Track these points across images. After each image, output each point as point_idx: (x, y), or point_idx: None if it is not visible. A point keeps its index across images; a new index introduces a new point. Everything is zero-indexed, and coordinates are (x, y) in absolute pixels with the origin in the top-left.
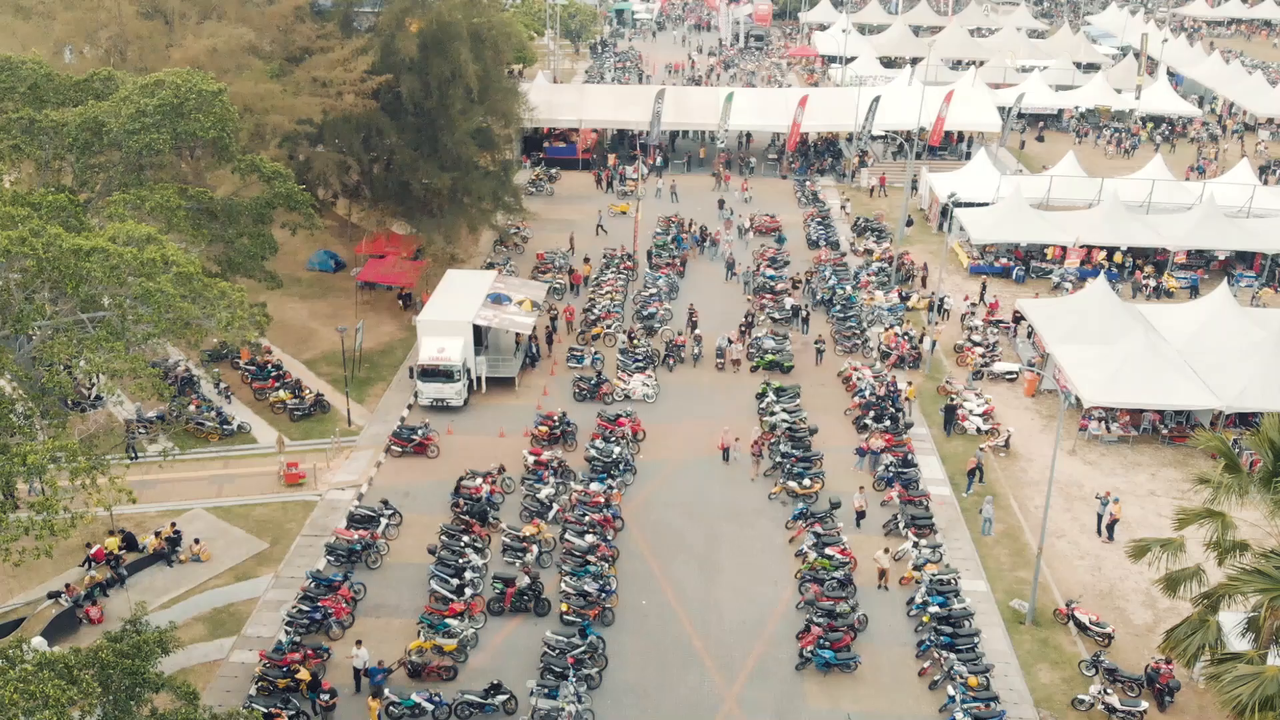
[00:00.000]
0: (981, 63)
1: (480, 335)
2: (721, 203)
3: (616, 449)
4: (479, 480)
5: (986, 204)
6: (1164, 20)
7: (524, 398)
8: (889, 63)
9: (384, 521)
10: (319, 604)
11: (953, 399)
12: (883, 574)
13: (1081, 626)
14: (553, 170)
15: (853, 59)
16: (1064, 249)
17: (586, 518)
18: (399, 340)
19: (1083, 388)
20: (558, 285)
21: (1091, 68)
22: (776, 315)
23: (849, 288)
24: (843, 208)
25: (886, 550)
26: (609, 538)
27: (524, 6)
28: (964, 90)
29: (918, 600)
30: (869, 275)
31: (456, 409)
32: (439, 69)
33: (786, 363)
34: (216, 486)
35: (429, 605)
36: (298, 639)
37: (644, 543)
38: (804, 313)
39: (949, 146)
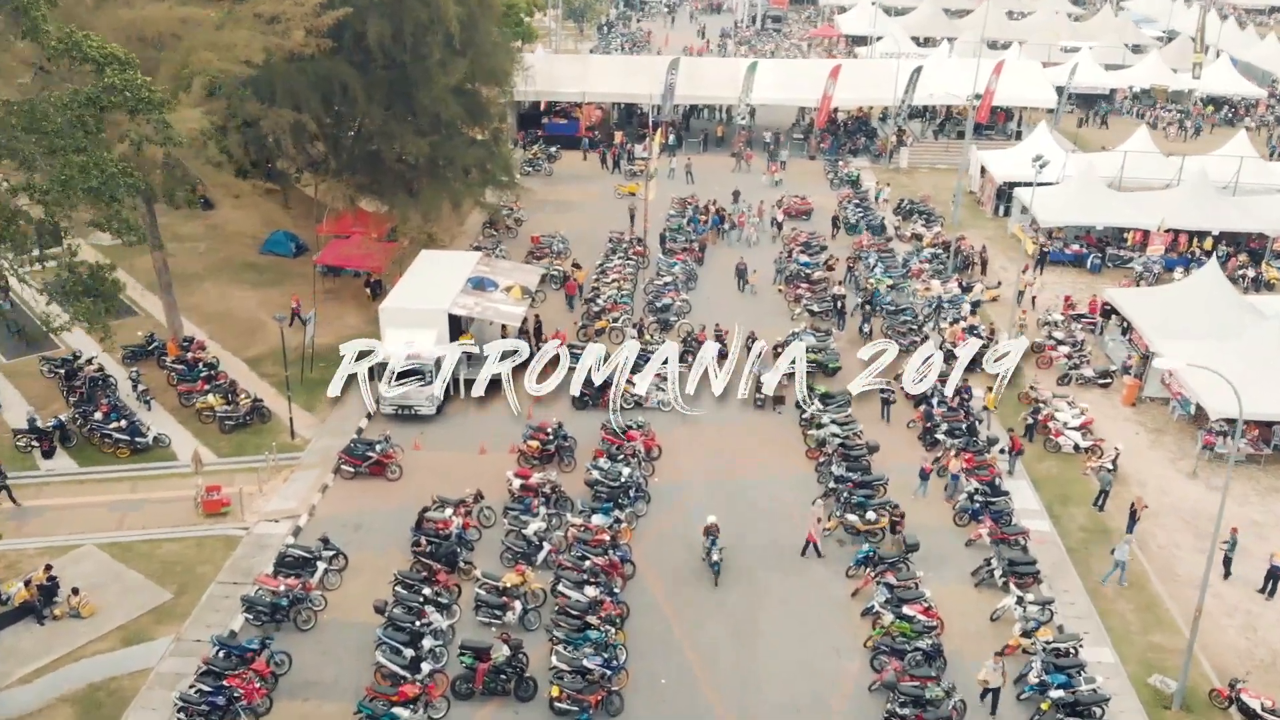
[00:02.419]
0: (1023, 42)
1: (457, 329)
2: (736, 195)
3: (625, 470)
4: (448, 511)
5: (1050, 184)
6: (1206, 6)
7: (511, 405)
8: (921, 43)
9: (322, 566)
10: (224, 683)
11: (1039, 409)
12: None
13: (1250, 715)
14: (552, 148)
15: (879, 39)
16: (1145, 234)
17: (587, 562)
18: (364, 334)
19: (1206, 395)
20: (555, 273)
21: (1138, 50)
22: (815, 308)
23: (898, 276)
24: (878, 196)
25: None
26: (616, 590)
27: None
28: (1013, 62)
29: (1032, 679)
30: (921, 263)
31: (427, 418)
32: (413, 10)
33: (832, 363)
34: (118, 516)
35: (372, 686)
36: None
37: (661, 594)
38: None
39: (995, 125)
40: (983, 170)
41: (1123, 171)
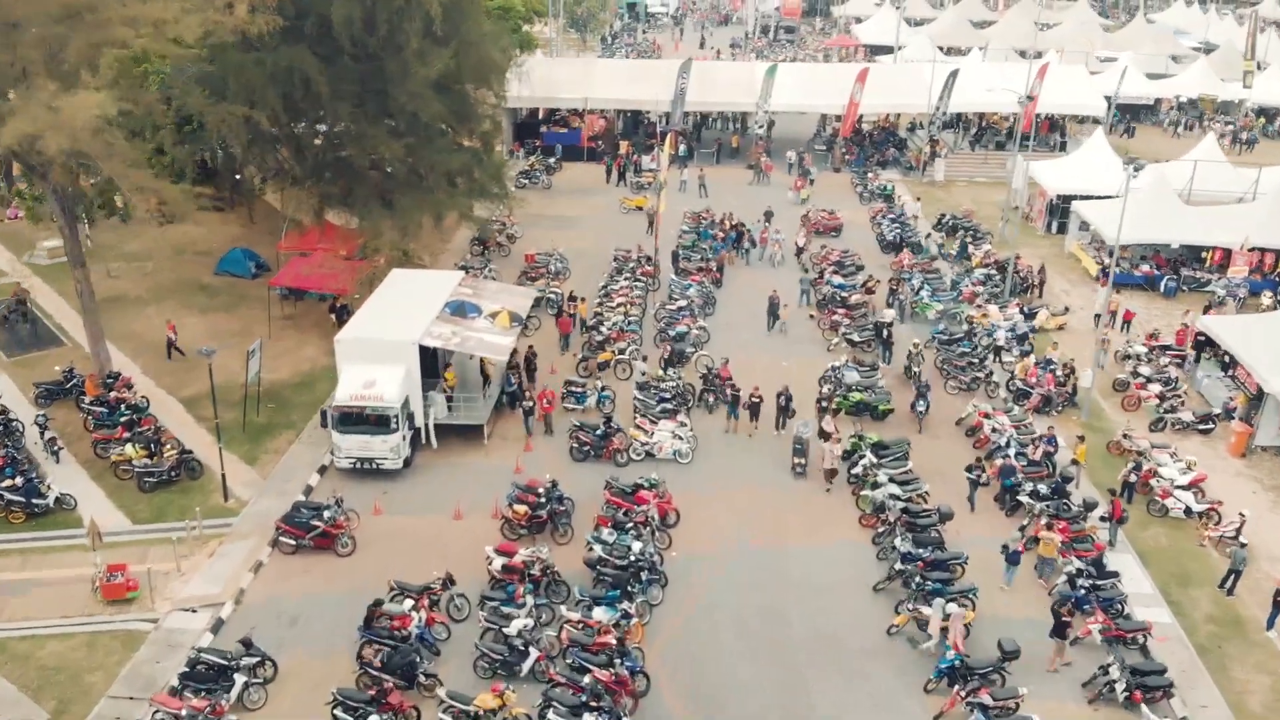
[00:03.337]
0: (1060, 50)
1: (433, 363)
2: (769, 214)
3: (636, 545)
4: (407, 604)
5: (1109, 197)
6: (1243, 18)
7: (496, 455)
8: (945, 53)
9: (241, 680)
10: None
11: (1140, 463)
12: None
13: None
14: (552, 159)
15: (902, 48)
16: (1226, 253)
17: (586, 676)
18: (325, 368)
19: None
20: (551, 295)
21: (1177, 60)
22: (856, 337)
23: (948, 301)
24: (905, 214)
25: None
26: (624, 716)
27: None
28: (1056, 69)
29: None
30: (973, 285)
31: (392, 473)
32: None
33: (882, 405)
34: None
35: None
36: None
37: (683, 715)
38: (885, 334)
39: (1037, 136)
40: (1029, 183)
41: (1192, 183)
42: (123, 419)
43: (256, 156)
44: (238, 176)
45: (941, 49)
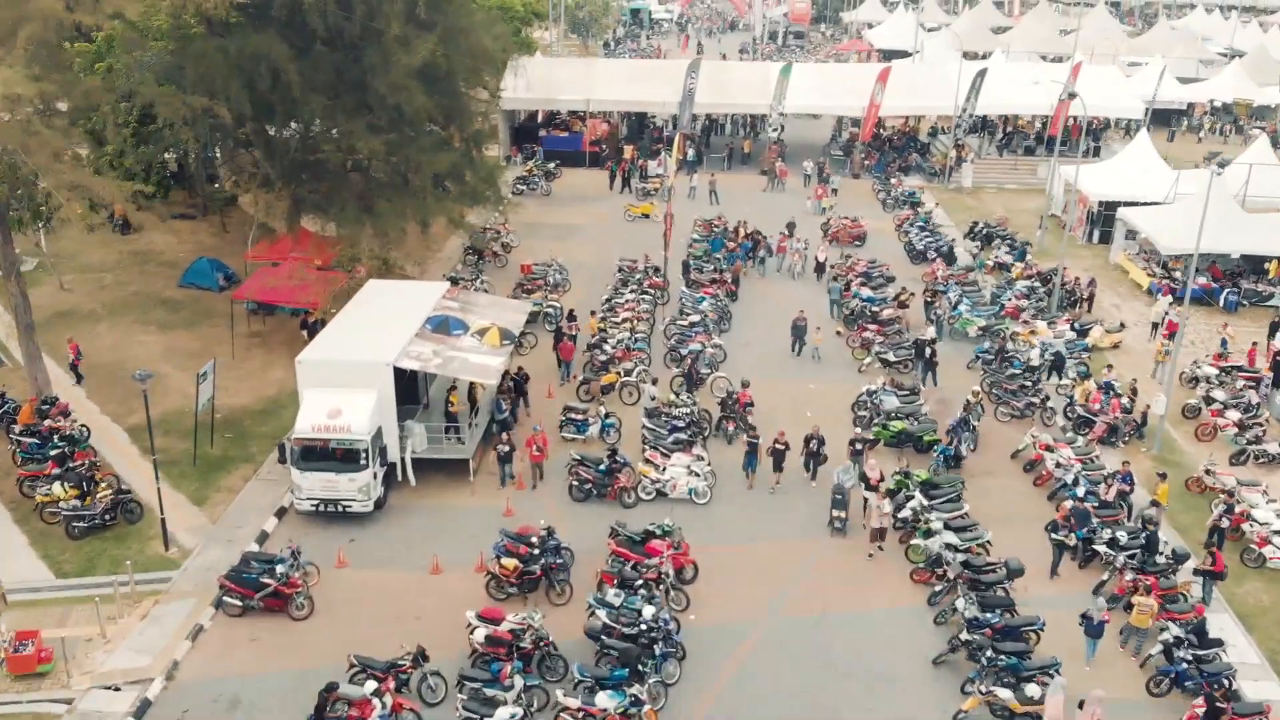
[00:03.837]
0: (1092, 53)
1: (412, 387)
2: (792, 227)
3: (648, 608)
4: (369, 687)
5: (1157, 203)
6: (1265, 25)
7: (483, 494)
8: (965, 58)
9: None
10: None
11: (1230, 505)
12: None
13: None
14: (551, 164)
15: (916, 53)
16: None
17: None
18: (292, 393)
19: None
20: (550, 309)
21: (1204, 65)
22: (891, 356)
23: (989, 316)
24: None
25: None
26: None
27: None
28: (1090, 68)
29: None
30: (1016, 298)
31: (361, 517)
32: None
33: (927, 435)
34: None
35: None
36: None
37: None
38: (928, 353)
39: (1069, 140)
40: (1066, 189)
41: (1246, 189)
42: (54, 452)
43: (226, 156)
44: (215, 183)
45: (963, 54)
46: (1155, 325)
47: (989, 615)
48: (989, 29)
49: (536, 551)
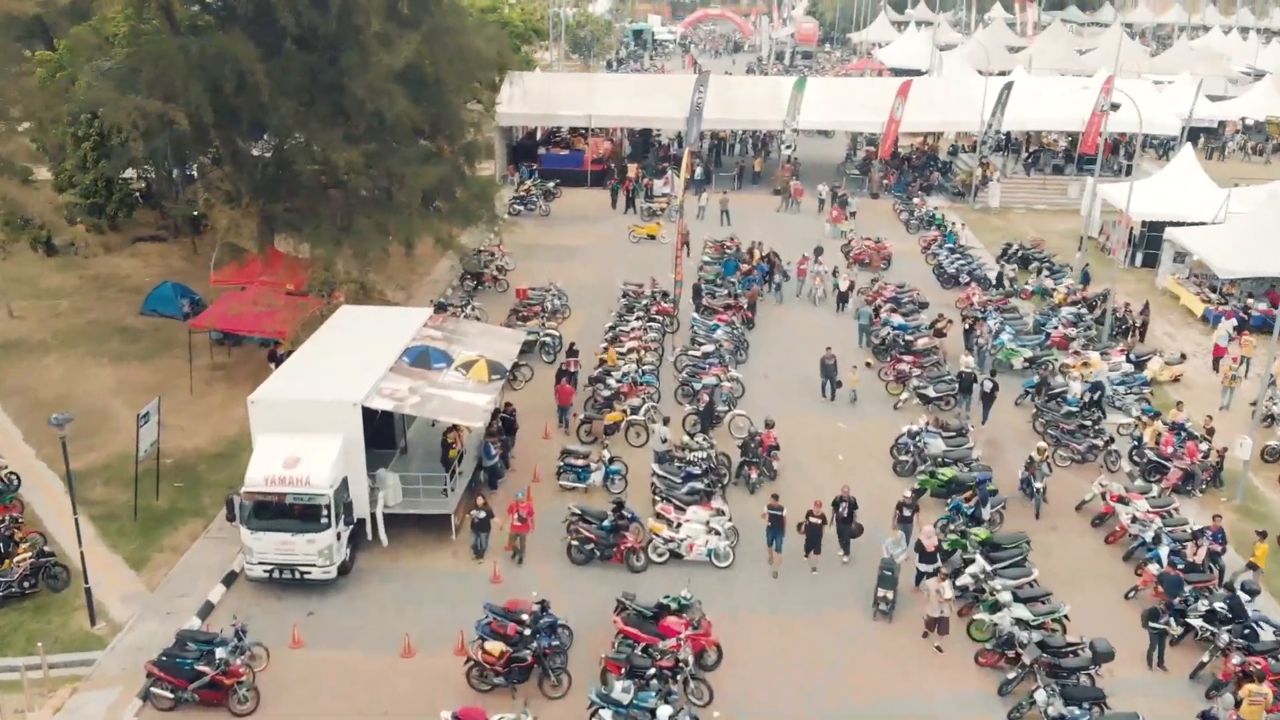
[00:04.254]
0: (1120, 70)
1: (387, 428)
2: (819, 251)
3: (665, 709)
4: None
5: (1205, 223)
6: None
7: (466, 558)
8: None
9: None
10: None
11: None
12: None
13: None
14: (551, 183)
15: (926, 73)
16: None
17: None
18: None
19: None
20: (547, 338)
21: (1232, 83)
22: (932, 392)
23: (1034, 346)
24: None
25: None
26: None
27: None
28: (1121, 84)
29: None
30: (1064, 326)
31: (322, 585)
32: None
33: (980, 484)
34: None
35: None
36: None
37: None
38: (988, 387)
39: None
40: (1103, 209)
41: None
42: None
43: (196, 170)
44: (189, 200)
45: (980, 72)
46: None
47: (1077, 711)
48: (1005, 48)
49: (527, 632)
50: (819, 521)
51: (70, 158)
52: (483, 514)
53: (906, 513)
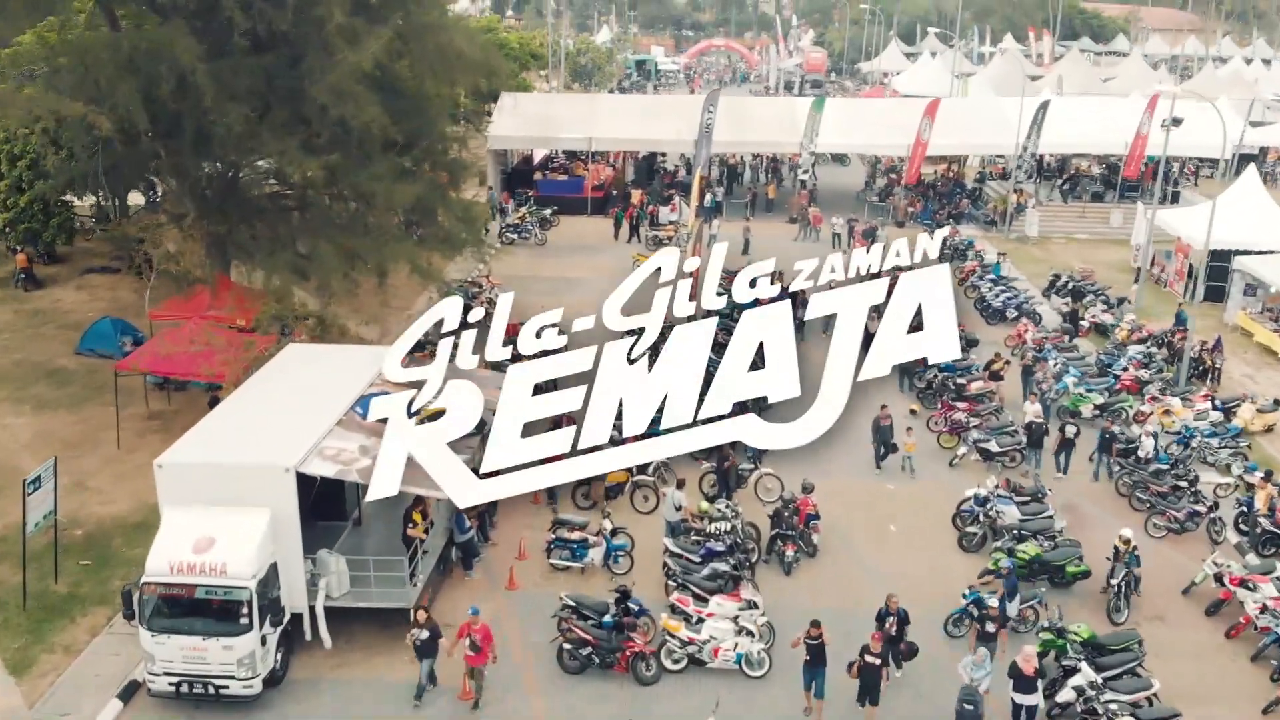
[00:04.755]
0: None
1: (336, 494)
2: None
3: None
4: None
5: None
6: None
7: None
8: None
9: None
10: None
11: None
12: None
13: None
14: (548, 210)
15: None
16: None
17: None
18: None
19: None
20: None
21: (1268, 109)
22: (995, 446)
23: (1102, 390)
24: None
25: None
26: None
27: (522, 36)
28: (1167, 103)
29: None
30: (1134, 367)
31: (243, 702)
32: None
33: (1074, 566)
34: None
35: None
36: None
37: None
38: (1071, 432)
39: (1141, 184)
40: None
41: None
42: None
43: (141, 188)
44: (137, 224)
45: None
46: None
47: None
48: (1025, 76)
49: None
50: (876, 662)
51: (6, 178)
52: (425, 634)
53: (990, 629)
